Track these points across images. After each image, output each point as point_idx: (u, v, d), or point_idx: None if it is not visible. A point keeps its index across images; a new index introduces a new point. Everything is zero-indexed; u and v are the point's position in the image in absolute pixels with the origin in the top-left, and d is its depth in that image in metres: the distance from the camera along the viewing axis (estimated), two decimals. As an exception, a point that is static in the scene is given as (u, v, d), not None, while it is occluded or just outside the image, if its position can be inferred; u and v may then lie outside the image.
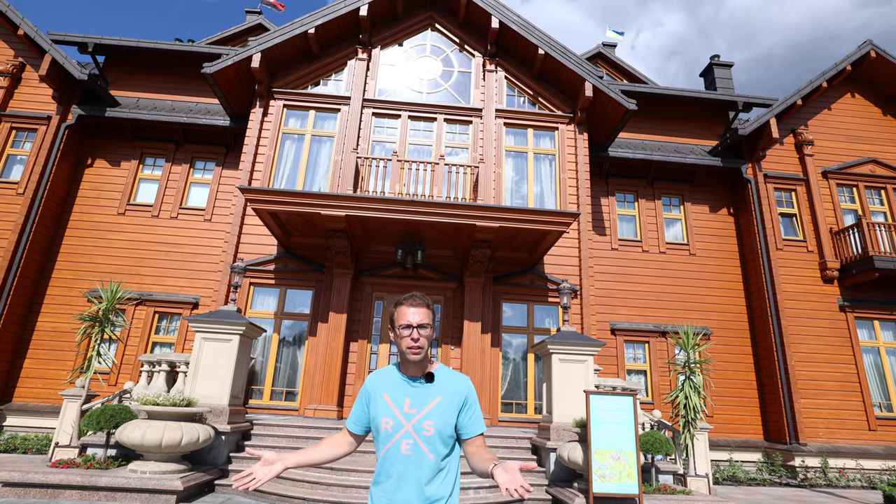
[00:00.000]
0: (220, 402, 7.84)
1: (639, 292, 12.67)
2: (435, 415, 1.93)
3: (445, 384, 2.01)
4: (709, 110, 14.86)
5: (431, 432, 1.90)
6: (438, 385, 2.00)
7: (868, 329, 12.48)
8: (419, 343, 1.96)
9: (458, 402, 1.98)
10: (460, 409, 1.97)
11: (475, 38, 12.80)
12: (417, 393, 1.98)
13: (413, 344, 1.96)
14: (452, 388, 2.00)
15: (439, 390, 1.99)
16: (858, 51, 13.77)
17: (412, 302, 2.02)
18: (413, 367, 2.01)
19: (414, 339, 1.96)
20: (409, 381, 2.01)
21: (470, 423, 1.98)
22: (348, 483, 6.72)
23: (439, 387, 2.00)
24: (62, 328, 11.26)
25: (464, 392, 2.00)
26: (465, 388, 2.02)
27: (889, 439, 11.51)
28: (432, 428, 1.91)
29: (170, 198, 12.46)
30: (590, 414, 6.76)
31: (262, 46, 11.26)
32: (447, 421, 1.93)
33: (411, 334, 1.97)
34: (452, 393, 1.98)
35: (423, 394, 1.98)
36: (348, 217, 9.33)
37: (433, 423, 1.91)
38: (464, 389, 2.01)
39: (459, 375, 2.06)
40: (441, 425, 1.92)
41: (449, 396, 1.97)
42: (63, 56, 11.58)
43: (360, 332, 10.59)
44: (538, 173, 12.07)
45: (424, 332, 1.98)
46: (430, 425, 1.91)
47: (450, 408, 1.96)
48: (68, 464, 6.77)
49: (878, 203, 13.51)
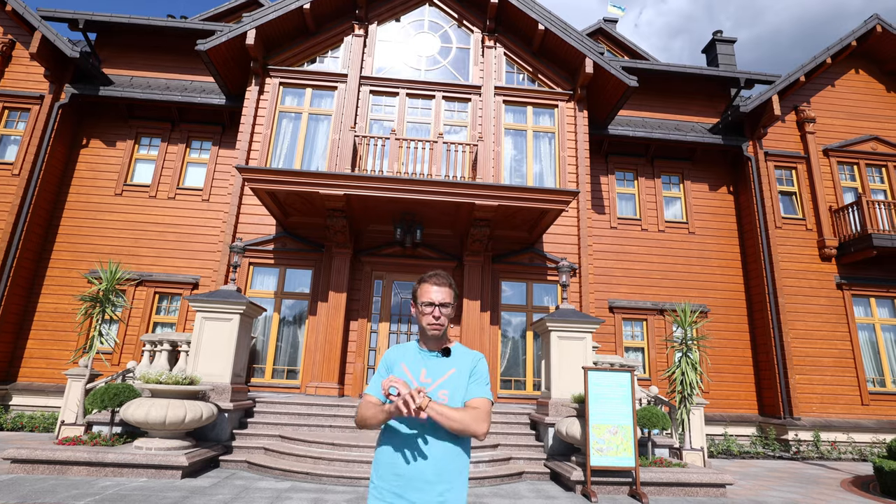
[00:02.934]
0: (222, 380, 7.93)
1: (637, 270, 12.71)
2: (449, 384, 2.02)
3: (460, 358, 2.10)
4: (710, 87, 14.73)
5: (445, 400, 1.97)
6: (454, 359, 2.09)
7: (864, 306, 12.57)
8: (440, 321, 2.06)
9: (469, 371, 2.06)
10: (470, 378, 2.05)
11: (474, 13, 12.61)
12: (434, 364, 2.07)
13: (434, 321, 2.06)
14: (466, 360, 2.09)
15: (454, 363, 2.08)
16: (864, 25, 13.59)
17: (436, 280, 2.11)
18: (432, 342, 2.10)
19: (435, 317, 2.06)
20: (427, 354, 2.10)
21: (472, 385, 2.04)
22: (350, 458, 6.83)
23: (454, 360, 2.09)
24: (63, 309, 11.31)
25: (475, 362, 2.09)
26: (477, 359, 2.11)
27: (880, 413, 11.70)
28: (446, 396, 1.98)
29: (167, 178, 12.40)
30: (588, 390, 6.85)
31: (256, 23, 11.09)
32: (460, 391, 2.01)
33: (433, 311, 2.06)
34: (465, 365, 2.07)
35: (440, 365, 2.07)
36: (347, 196, 9.31)
37: (447, 392, 2.00)
38: (475, 361, 2.10)
39: (474, 352, 2.16)
40: (454, 394, 2.00)
41: (462, 368, 2.06)
42: (54, 33, 11.40)
43: (359, 311, 10.64)
44: (537, 151, 12.01)
45: (445, 310, 2.07)
46: (445, 394, 1.99)
47: (462, 378, 2.04)
48: (75, 441, 6.88)
49: (879, 181, 13.48)
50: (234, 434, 7.83)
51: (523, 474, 7.35)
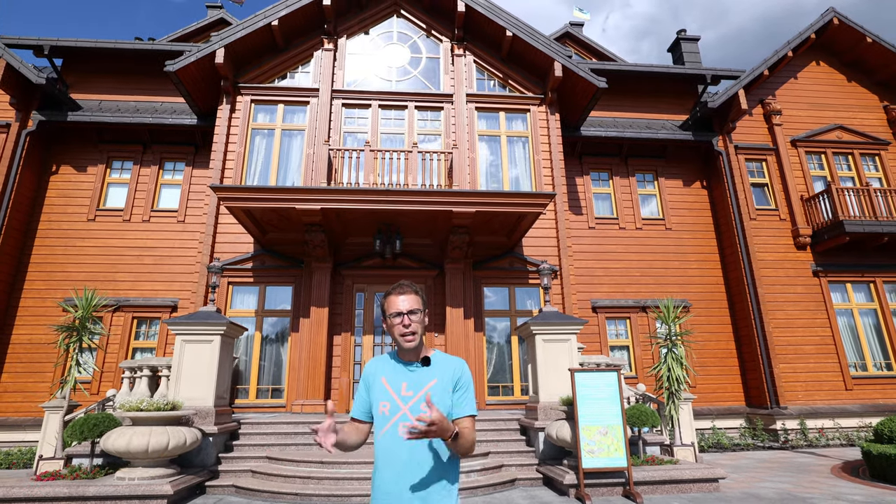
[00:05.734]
0: (205, 403, 7.76)
1: (618, 269, 12.80)
2: (432, 397, 1.96)
3: (441, 367, 2.04)
4: (678, 85, 14.98)
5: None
6: (434, 368, 2.03)
7: (841, 292, 12.80)
8: (411, 328, 2.00)
9: (452, 383, 2.01)
10: (454, 390, 2.01)
11: (442, 23, 12.68)
12: (414, 376, 2.02)
13: (405, 330, 2.00)
14: (448, 370, 2.03)
15: (435, 373, 2.02)
16: (821, 19, 13.96)
17: (399, 290, 2.06)
18: (409, 353, 2.05)
19: (405, 326, 2.00)
20: (407, 366, 2.05)
21: (458, 404, 2.00)
22: (340, 476, 6.72)
23: (435, 370, 2.03)
24: (38, 340, 11.02)
25: (458, 373, 2.04)
26: (460, 369, 2.05)
27: (865, 397, 11.88)
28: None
29: (140, 201, 12.21)
30: (575, 391, 6.84)
31: (225, 41, 11.03)
32: (444, 402, 1.96)
33: (402, 321, 2.00)
34: (447, 375, 2.02)
35: (420, 377, 2.01)
36: (324, 210, 9.25)
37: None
38: (458, 370, 2.05)
39: (455, 359, 2.10)
40: (438, 407, 1.93)
41: (444, 378, 2.00)
42: (18, 60, 11.21)
43: (342, 325, 10.55)
44: (512, 156, 12.07)
45: (415, 317, 2.01)
46: (427, 407, 1.92)
47: (445, 389, 1.99)
48: (54, 476, 6.66)
49: (846, 168, 13.80)
50: (220, 458, 7.67)
51: (516, 481, 7.30)
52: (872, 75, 14.52)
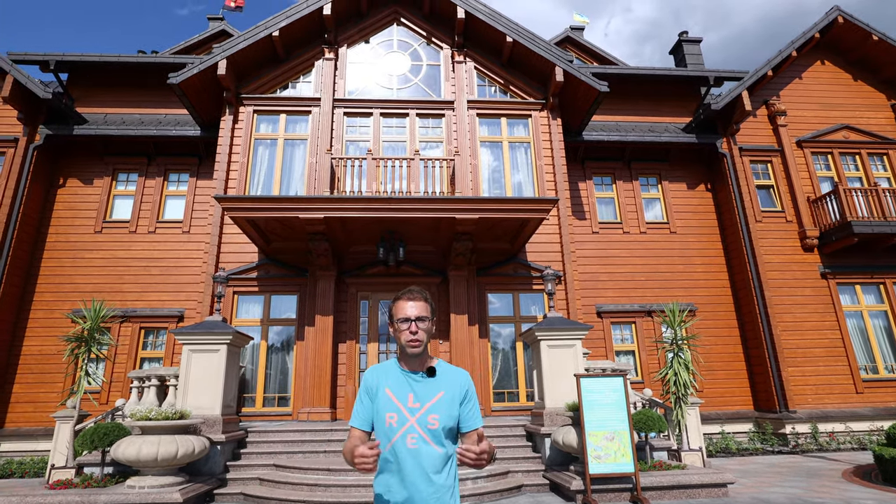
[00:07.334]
0: (212, 412, 7.82)
1: (622, 273, 12.75)
2: (439, 408, 1.96)
3: (448, 379, 2.05)
4: (681, 88, 14.93)
5: (436, 426, 1.93)
6: (441, 379, 2.04)
7: (850, 294, 12.67)
8: (418, 336, 2.00)
9: (460, 396, 2.02)
10: (462, 402, 2.02)
11: (442, 30, 12.74)
12: (421, 387, 2.01)
13: (412, 337, 2.00)
14: (455, 382, 2.04)
15: (442, 385, 2.02)
16: (826, 17, 13.88)
17: (409, 296, 2.06)
18: (413, 361, 2.04)
19: (412, 332, 2.00)
20: (411, 376, 2.04)
21: (469, 417, 2.02)
22: (347, 483, 6.76)
23: (442, 381, 2.03)
24: (48, 351, 11.13)
25: (465, 385, 2.05)
26: (467, 382, 2.08)
27: (876, 400, 11.73)
28: (437, 422, 1.94)
29: (146, 212, 12.32)
30: (581, 397, 6.83)
31: (226, 53, 11.14)
32: (451, 414, 1.97)
33: (409, 327, 2.00)
34: (455, 387, 2.03)
35: (427, 388, 2.01)
36: (327, 219, 9.29)
37: (437, 417, 1.95)
38: (465, 383, 2.06)
39: (460, 370, 2.12)
40: (445, 419, 1.95)
41: (452, 390, 2.01)
42: (25, 76, 11.38)
43: (347, 332, 10.57)
44: (514, 162, 12.08)
45: (423, 325, 2.01)
46: (435, 419, 1.94)
47: (453, 401, 1.99)
48: (66, 484, 6.76)
49: (854, 168, 13.68)
50: (228, 466, 7.71)
51: (522, 487, 7.29)
52: (879, 73, 14.41)
